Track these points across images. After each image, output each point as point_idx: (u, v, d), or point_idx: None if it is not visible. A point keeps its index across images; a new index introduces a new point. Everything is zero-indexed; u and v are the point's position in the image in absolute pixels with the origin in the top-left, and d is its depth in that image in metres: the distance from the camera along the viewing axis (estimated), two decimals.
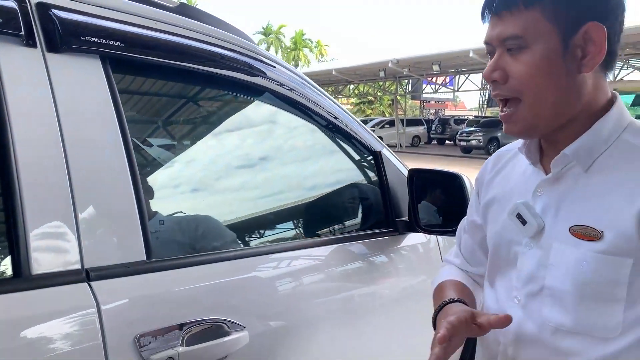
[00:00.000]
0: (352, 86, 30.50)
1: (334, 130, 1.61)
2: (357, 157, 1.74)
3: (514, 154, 1.06)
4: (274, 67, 1.43)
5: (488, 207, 1.08)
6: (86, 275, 0.93)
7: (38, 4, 0.97)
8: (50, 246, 0.90)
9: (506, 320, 0.89)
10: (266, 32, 50.14)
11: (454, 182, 1.51)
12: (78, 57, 1.00)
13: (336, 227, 1.72)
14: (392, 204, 1.67)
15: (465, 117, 32.20)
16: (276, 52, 50.61)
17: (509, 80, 0.88)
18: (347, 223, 1.74)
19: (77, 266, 0.92)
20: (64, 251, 0.91)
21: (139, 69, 1.16)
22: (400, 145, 25.53)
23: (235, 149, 1.50)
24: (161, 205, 1.21)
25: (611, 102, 0.91)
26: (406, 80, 27.16)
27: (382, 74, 22.73)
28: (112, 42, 1.05)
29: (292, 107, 1.49)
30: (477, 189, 1.15)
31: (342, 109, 1.63)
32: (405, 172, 1.69)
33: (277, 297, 1.25)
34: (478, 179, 1.14)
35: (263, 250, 1.35)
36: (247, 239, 1.46)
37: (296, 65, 49.42)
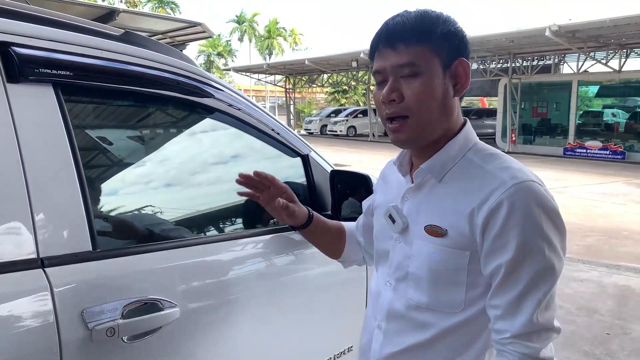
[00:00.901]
0: (325, 75, 30.64)
1: (270, 139, 1.84)
2: (290, 160, 1.98)
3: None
4: (220, 89, 1.65)
5: (375, 209, 1.33)
6: (41, 263, 1.16)
7: None
8: (10, 239, 1.13)
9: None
10: (239, 20, 49.76)
11: (362, 181, 1.77)
12: (33, 86, 1.22)
13: (271, 218, 1.96)
14: (318, 199, 1.93)
15: None
16: (250, 41, 50.28)
17: (404, 100, 1.07)
18: None
19: (34, 256, 1.15)
20: (23, 243, 1.14)
21: (86, 92, 1.39)
22: (373, 135, 25.84)
23: (176, 157, 1.74)
24: (105, 204, 1.45)
25: (462, 127, 1.14)
26: None
27: (354, 64, 22.96)
28: (62, 72, 1.27)
29: (235, 122, 1.71)
30: (380, 177, 1.39)
31: (277, 121, 1.87)
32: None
33: (207, 280, 1.50)
34: (384, 172, 1.38)
35: (197, 241, 1.59)
36: (184, 232, 1.69)
37: (270, 54, 49.24)
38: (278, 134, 1.85)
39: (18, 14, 1.27)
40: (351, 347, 2.00)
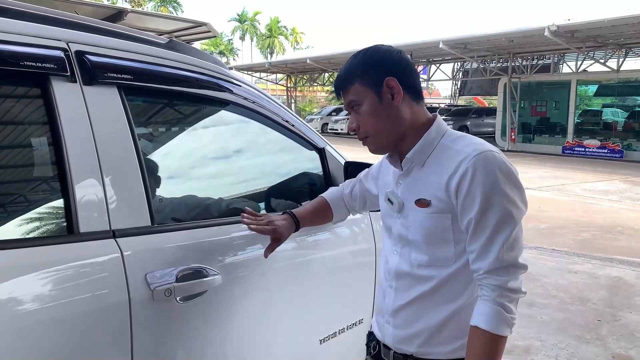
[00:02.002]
0: (327, 74, 30.86)
1: (288, 132, 2.09)
2: (306, 153, 2.23)
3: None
4: (240, 85, 1.91)
5: (379, 195, 1.62)
6: (113, 234, 1.40)
7: (76, 52, 1.42)
8: (90, 215, 1.38)
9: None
10: (241, 19, 49.90)
11: None
12: (103, 87, 1.46)
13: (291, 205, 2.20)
14: None
15: (438, 106, 32.97)
16: (251, 40, 50.45)
17: (360, 127, 1.42)
18: (299, 202, 2.23)
19: (107, 228, 1.40)
20: (99, 218, 1.39)
21: (143, 92, 1.63)
22: None
23: (215, 147, 1.99)
24: (160, 188, 1.69)
25: (432, 121, 1.43)
26: None
27: None
28: (125, 75, 1.52)
29: (257, 115, 1.96)
30: (378, 167, 1.68)
31: (294, 115, 2.12)
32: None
33: (244, 254, 1.74)
34: (381, 164, 1.66)
35: (235, 220, 1.83)
36: (223, 211, 1.94)
37: (271, 53, 49.43)
38: (299, 130, 2.09)
39: (87, 26, 1.51)
40: (362, 319, 2.24)
